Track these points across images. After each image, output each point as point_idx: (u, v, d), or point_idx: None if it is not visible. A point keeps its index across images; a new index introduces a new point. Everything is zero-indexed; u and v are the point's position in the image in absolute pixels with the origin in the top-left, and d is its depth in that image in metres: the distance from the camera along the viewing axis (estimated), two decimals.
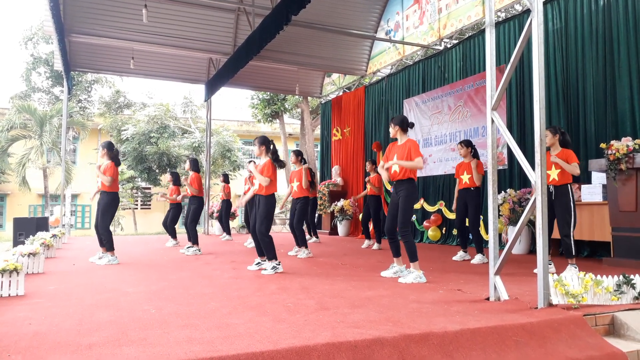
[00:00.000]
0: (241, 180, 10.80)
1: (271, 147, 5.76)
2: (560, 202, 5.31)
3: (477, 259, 6.49)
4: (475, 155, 6.71)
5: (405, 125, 5.19)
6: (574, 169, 5.28)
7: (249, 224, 6.95)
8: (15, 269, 4.18)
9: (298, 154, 7.80)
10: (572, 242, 5.29)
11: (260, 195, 5.64)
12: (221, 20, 11.48)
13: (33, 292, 4.32)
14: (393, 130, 5.20)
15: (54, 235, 8.28)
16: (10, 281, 4.16)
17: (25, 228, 9.82)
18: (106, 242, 6.63)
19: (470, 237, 7.11)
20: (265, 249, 5.65)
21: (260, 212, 5.65)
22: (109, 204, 6.66)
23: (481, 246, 6.58)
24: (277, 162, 5.72)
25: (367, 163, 9.05)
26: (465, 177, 6.63)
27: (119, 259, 6.72)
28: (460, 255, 6.88)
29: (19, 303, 3.84)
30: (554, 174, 5.36)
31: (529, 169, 3.63)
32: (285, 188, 7.89)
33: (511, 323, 3.04)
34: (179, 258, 7.31)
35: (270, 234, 5.71)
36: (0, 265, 4.15)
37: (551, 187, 5.35)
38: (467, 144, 6.75)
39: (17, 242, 9.35)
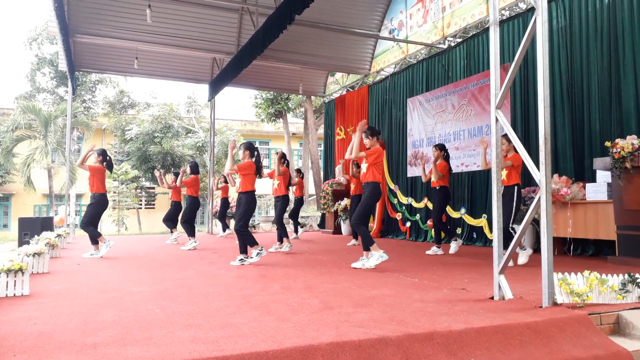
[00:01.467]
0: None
1: (255, 152, 6.56)
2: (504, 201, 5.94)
3: (432, 250, 7.37)
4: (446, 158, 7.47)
5: (378, 134, 5.96)
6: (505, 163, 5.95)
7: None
8: (20, 269, 4.20)
9: (281, 156, 8.44)
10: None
11: (241, 193, 6.42)
12: (225, 20, 11.49)
13: (38, 291, 4.34)
14: (371, 141, 5.87)
15: (59, 235, 8.33)
16: (15, 281, 4.18)
17: (30, 228, 9.86)
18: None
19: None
20: (239, 242, 6.40)
21: (240, 209, 6.39)
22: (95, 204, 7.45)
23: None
24: (258, 171, 6.59)
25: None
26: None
27: (123, 258, 6.77)
28: (433, 250, 7.45)
29: (24, 303, 3.85)
30: (503, 174, 6.03)
31: (533, 168, 3.62)
32: (269, 188, 9.04)
33: (516, 322, 3.03)
34: (183, 257, 7.32)
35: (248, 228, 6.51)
36: (5, 265, 4.17)
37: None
38: (440, 147, 7.55)
39: (22, 241, 9.39)
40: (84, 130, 21.79)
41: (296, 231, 11.04)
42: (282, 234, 8.20)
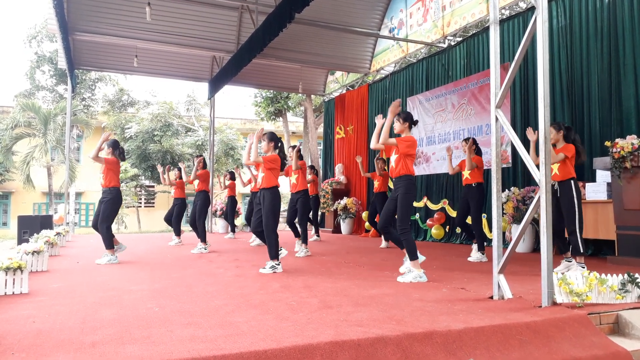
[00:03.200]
0: (245, 178, 10.75)
1: (280, 144, 5.75)
2: (564, 199, 5.25)
3: (475, 257, 6.52)
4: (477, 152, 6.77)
5: (411, 122, 5.10)
6: (556, 157, 5.19)
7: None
8: (19, 267, 4.19)
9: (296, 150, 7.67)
10: (580, 240, 5.18)
11: (265, 190, 5.55)
12: (224, 18, 11.48)
13: (37, 290, 4.34)
14: (401, 126, 5.06)
15: (58, 233, 8.31)
16: (14, 279, 4.18)
17: (30, 226, 9.85)
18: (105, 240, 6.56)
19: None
20: (268, 245, 5.57)
21: (265, 207, 5.52)
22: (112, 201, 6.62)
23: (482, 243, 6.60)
24: (283, 166, 5.77)
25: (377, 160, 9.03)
26: (465, 173, 6.66)
27: (122, 257, 6.73)
28: (475, 254, 6.63)
29: (22, 301, 3.85)
30: (555, 168, 5.29)
31: (533, 167, 3.61)
32: (286, 185, 8.02)
33: (515, 322, 3.02)
34: (183, 256, 7.32)
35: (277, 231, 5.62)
36: (4, 263, 4.16)
37: (555, 183, 5.28)
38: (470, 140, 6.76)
39: (21, 240, 9.38)
40: (84, 129, 21.79)
41: (317, 233, 10.30)
42: (304, 235, 7.38)
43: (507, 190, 7.69)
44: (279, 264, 5.51)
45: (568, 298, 3.44)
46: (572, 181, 5.22)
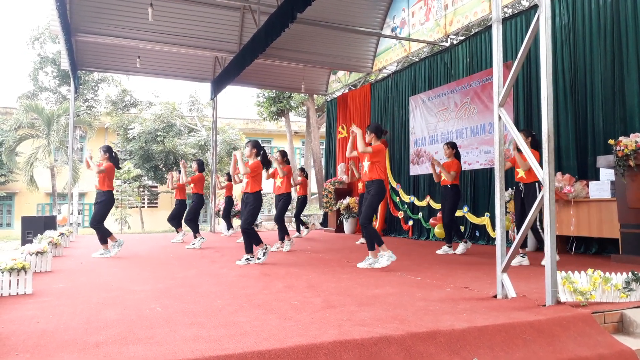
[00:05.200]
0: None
1: (261, 150, 6.56)
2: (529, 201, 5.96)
3: (443, 249, 7.29)
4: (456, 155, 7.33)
5: (379, 133, 5.88)
6: (525, 164, 5.85)
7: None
8: (23, 268, 4.21)
9: (283, 154, 8.29)
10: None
11: (249, 194, 6.36)
12: (227, 18, 11.48)
13: (41, 290, 4.35)
14: (369, 137, 5.83)
15: (62, 234, 8.33)
16: (18, 280, 4.19)
17: (33, 227, 9.90)
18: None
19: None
20: (250, 239, 6.30)
21: (247, 208, 6.31)
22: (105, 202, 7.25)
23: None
24: (265, 164, 6.58)
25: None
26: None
27: (126, 257, 6.77)
28: (443, 249, 7.35)
29: (26, 301, 3.86)
30: (522, 172, 6.05)
31: (537, 166, 3.60)
32: (270, 186, 8.80)
33: (519, 321, 3.02)
34: (186, 256, 7.32)
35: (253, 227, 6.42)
36: (8, 264, 4.18)
37: (521, 184, 6.10)
38: (452, 145, 7.37)
39: (25, 240, 9.43)
40: (87, 129, 21.84)
41: (298, 230, 10.95)
42: (283, 233, 8.12)
43: (510, 188, 7.67)
44: (252, 257, 6.26)
45: (572, 297, 3.42)
46: (536, 184, 5.90)
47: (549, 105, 3.51)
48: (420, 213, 10.51)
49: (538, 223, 6.30)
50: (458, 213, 9.27)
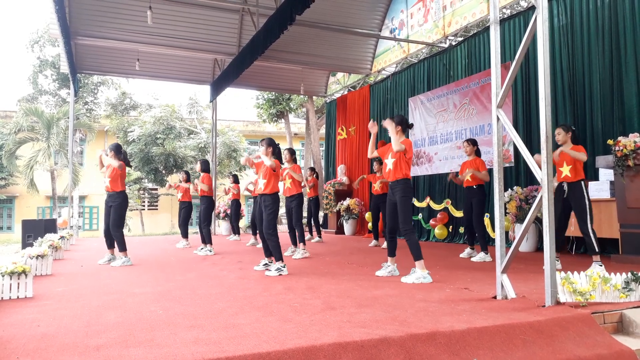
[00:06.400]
0: (247, 181, 10.80)
1: (277, 149, 5.90)
2: (574, 201, 5.31)
3: (479, 257, 6.50)
4: (477, 153, 6.82)
5: (405, 126, 5.18)
6: (577, 155, 5.24)
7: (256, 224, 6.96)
8: (24, 271, 4.21)
9: (292, 152, 7.65)
10: (594, 238, 5.26)
11: (266, 195, 5.73)
12: (225, 20, 11.50)
13: (41, 294, 4.35)
14: (394, 129, 5.08)
15: (62, 237, 8.33)
16: (18, 283, 4.19)
17: (34, 230, 9.90)
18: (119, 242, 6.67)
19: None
20: (272, 249, 5.65)
21: (266, 212, 5.69)
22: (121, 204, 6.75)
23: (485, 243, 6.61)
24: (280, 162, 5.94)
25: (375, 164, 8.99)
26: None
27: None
28: (467, 252, 6.89)
29: (27, 305, 3.86)
30: (565, 170, 5.33)
31: (535, 166, 3.61)
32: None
33: (519, 321, 3.02)
34: (186, 259, 7.33)
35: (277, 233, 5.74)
36: (9, 267, 4.18)
37: (564, 184, 5.36)
38: (472, 142, 6.82)
39: (25, 244, 9.42)
40: (87, 132, 21.83)
41: (319, 234, 10.44)
42: (301, 237, 7.47)
43: (509, 189, 7.68)
44: (284, 266, 5.55)
45: (572, 297, 3.43)
46: (582, 182, 5.29)
47: (547, 106, 3.52)
48: (420, 214, 10.52)
49: (590, 226, 5.37)
50: (458, 214, 9.30)
